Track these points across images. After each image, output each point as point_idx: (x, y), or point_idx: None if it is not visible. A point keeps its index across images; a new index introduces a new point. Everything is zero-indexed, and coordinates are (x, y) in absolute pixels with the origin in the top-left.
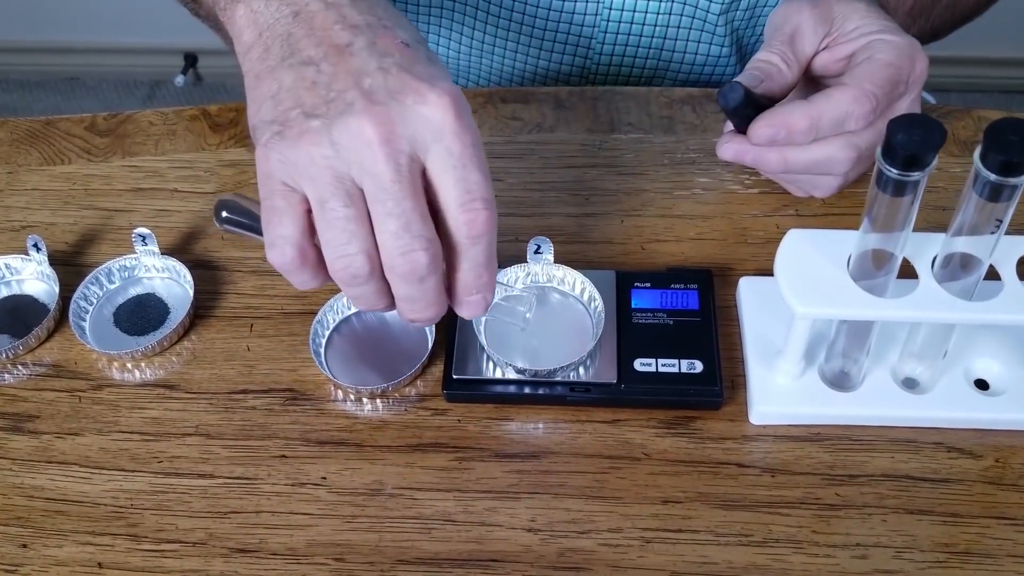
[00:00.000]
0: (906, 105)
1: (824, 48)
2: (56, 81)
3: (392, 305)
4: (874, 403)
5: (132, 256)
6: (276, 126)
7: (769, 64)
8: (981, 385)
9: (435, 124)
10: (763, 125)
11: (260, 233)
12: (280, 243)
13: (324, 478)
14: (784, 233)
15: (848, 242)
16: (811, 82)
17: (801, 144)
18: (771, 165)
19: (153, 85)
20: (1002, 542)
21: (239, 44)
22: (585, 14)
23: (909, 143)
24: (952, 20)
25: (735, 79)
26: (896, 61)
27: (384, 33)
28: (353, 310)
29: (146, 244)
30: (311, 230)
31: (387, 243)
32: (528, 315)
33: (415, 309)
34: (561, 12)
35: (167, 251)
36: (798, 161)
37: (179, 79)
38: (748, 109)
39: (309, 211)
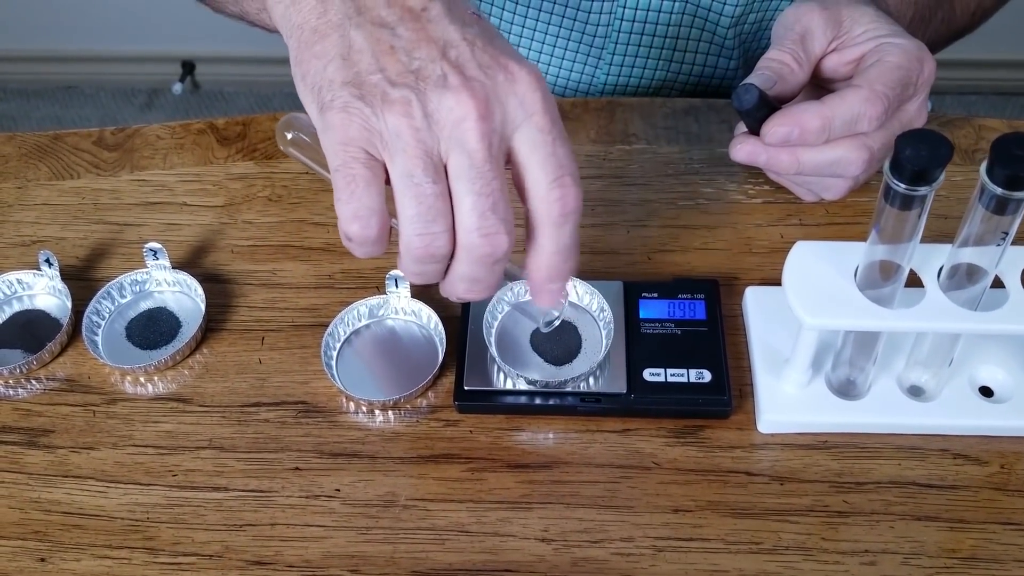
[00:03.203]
0: (915, 107)
1: (833, 50)
2: (54, 90)
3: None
4: (880, 411)
5: (143, 270)
6: (352, 88)
7: (781, 64)
8: (986, 392)
9: (526, 102)
10: (777, 124)
11: (325, 167)
12: (365, 214)
13: (338, 490)
14: (789, 243)
15: (855, 253)
16: (817, 85)
17: (814, 144)
18: (784, 166)
19: (151, 93)
20: (1008, 547)
21: None
22: (598, 25)
23: (917, 159)
24: (947, 35)
25: (747, 80)
26: (906, 63)
27: (456, 0)
28: (364, 322)
29: (157, 258)
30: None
31: (469, 223)
32: (558, 315)
33: (473, 290)
34: (575, 21)
35: (178, 265)
36: (811, 162)
37: (177, 87)
38: (761, 110)
39: (386, 181)
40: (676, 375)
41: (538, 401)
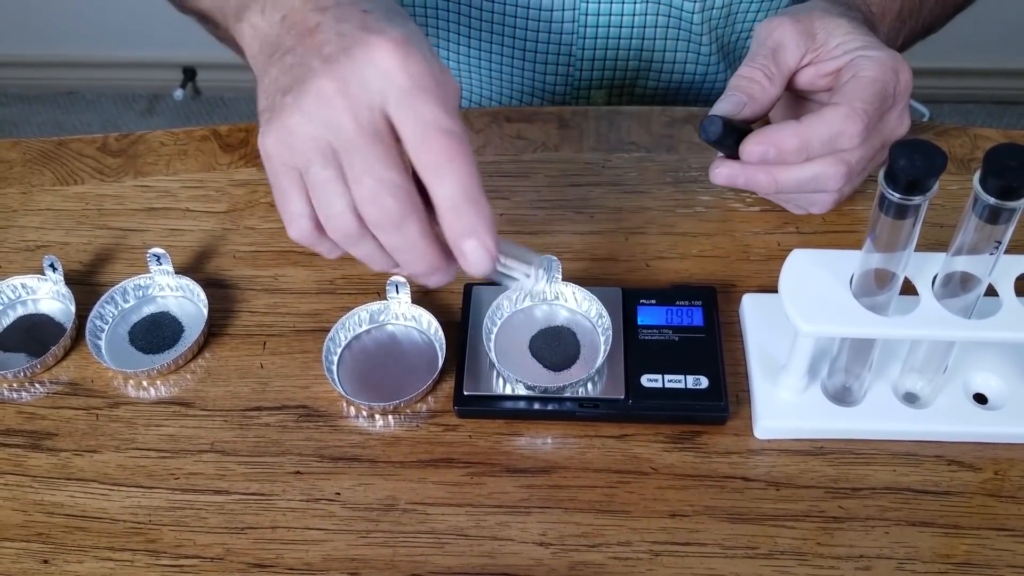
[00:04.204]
0: (895, 116)
1: (808, 64)
2: (55, 95)
3: (395, 263)
4: (876, 417)
5: (147, 275)
6: (266, 114)
7: (751, 81)
8: (980, 399)
9: (382, 68)
10: (754, 143)
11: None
12: (296, 219)
13: (338, 494)
14: (786, 251)
15: (851, 261)
16: (796, 98)
17: (793, 163)
18: (763, 186)
19: (152, 99)
20: (1002, 552)
21: (249, 58)
22: (563, 22)
23: (911, 169)
24: (944, 14)
25: (715, 108)
26: (881, 76)
27: (349, 7)
28: (365, 327)
29: (160, 263)
30: None
31: (358, 195)
32: (529, 276)
33: (410, 262)
34: (539, 21)
35: (181, 270)
36: (788, 180)
37: (178, 93)
38: (730, 137)
39: None
40: (674, 381)
41: (537, 406)
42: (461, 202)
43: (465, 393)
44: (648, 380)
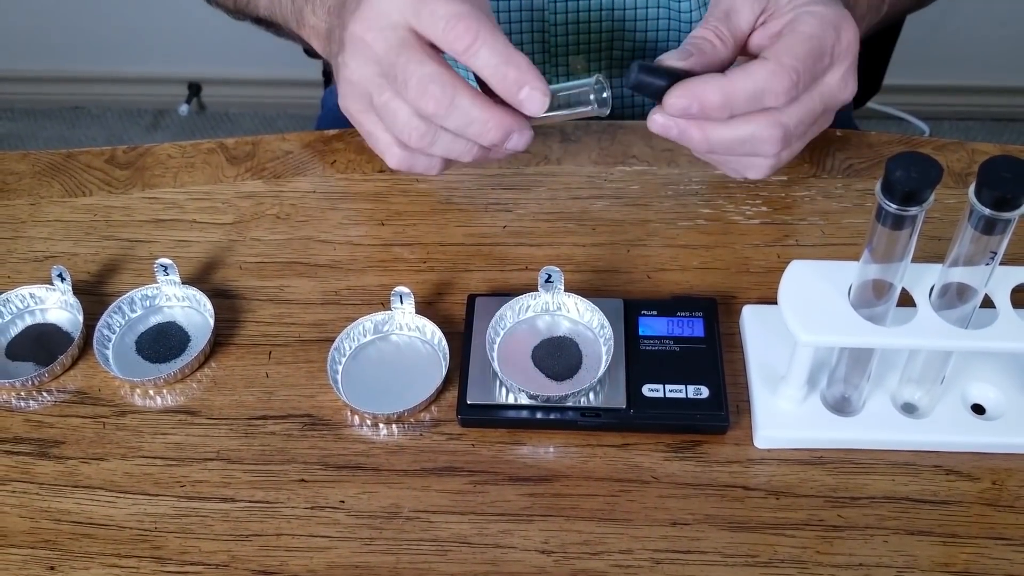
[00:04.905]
0: (836, 79)
1: (761, 24)
2: (61, 110)
3: (478, 146)
4: (874, 427)
5: (154, 286)
6: (337, 84)
7: (703, 39)
8: (978, 410)
9: None
10: (676, 95)
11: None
12: (387, 150)
13: (342, 502)
14: (785, 263)
15: (849, 272)
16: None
17: (718, 119)
18: (694, 142)
19: (157, 114)
20: (999, 561)
21: (320, 53)
22: (533, 9)
23: (907, 180)
24: None
25: (657, 60)
26: (819, 32)
27: None
28: (369, 338)
29: (168, 274)
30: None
31: (411, 99)
32: (591, 99)
33: (483, 134)
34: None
35: (187, 280)
36: (721, 139)
37: (183, 108)
38: (656, 85)
39: None
40: (675, 391)
41: (539, 415)
42: (500, 65)
43: (468, 402)
44: (649, 390)
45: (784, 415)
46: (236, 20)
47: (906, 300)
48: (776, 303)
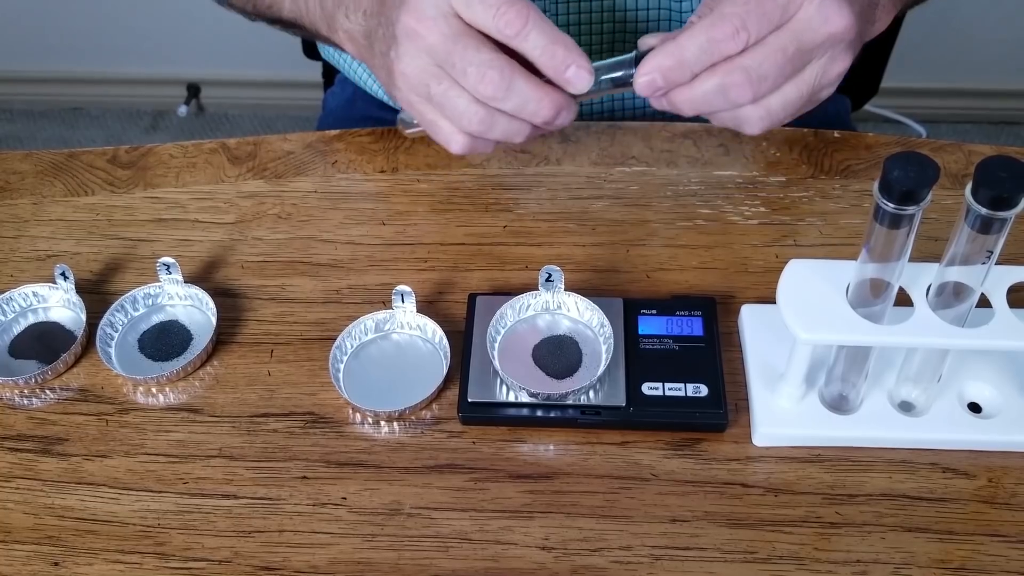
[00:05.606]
0: (812, 11)
1: None
2: (60, 111)
3: (531, 125)
4: (872, 426)
5: (156, 284)
6: (389, 79)
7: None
8: (974, 408)
9: None
10: (640, 75)
11: None
12: (450, 138)
13: (344, 498)
14: (784, 262)
15: (847, 271)
16: None
17: (685, 82)
18: (681, 109)
19: (156, 115)
20: (996, 558)
21: (354, 56)
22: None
23: (905, 179)
24: None
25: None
26: None
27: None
28: (370, 336)
29: (170, 273)
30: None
31: (469, 85)
32: (629, 73)
33: (538, 112)
34: None
35: (190, 279)
36: (695, 99)
37: (182, 109)
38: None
39: None
40: (674, 389)
41: (540, 413)
42: (549, 45)
43: (469, 400)
44: (649, 388)
45: (782, 413)
46: (250, 21)
47: (903, 300)
48: (774, 302)
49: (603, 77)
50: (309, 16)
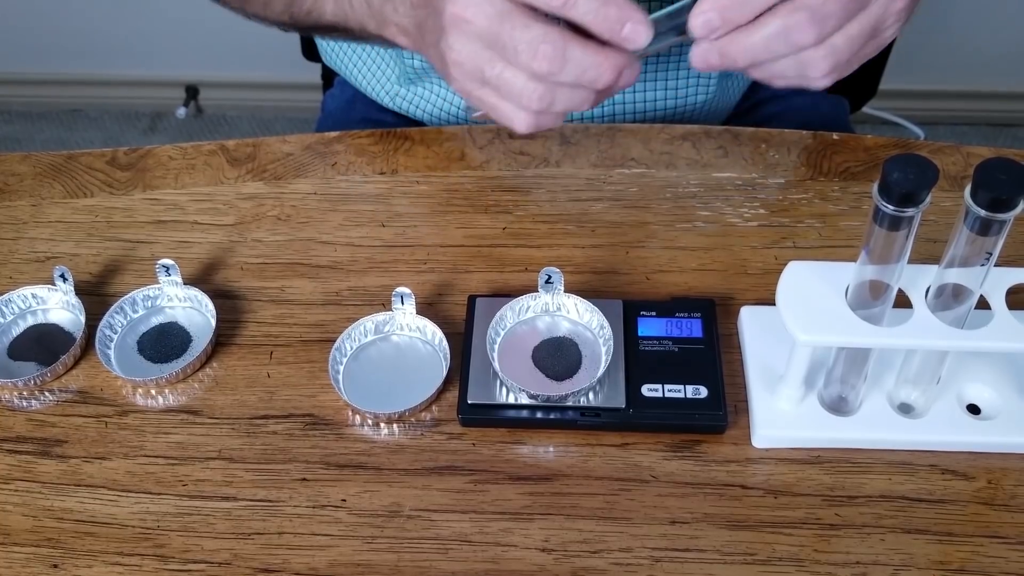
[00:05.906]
0: None
1: None
2: (58, 113)
3: (594, 91)
4: (871, 427)
5: (155, 286)
6: (445, 68)
7: None
8: (973, 410)
9: None
10: (695, 16)
11: None
12: (514, 118)
13: (344, 500)
14: (783, 264)
15: (846, 273)
16: None
17: (745, 22)
18: (737, 57)
19: (154, 117)
20: (995, 559)
21: (408, 48)
22: None
23: (904, 181)
24: None
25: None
26: None
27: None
28: (370, 338)
29: (169, 274)
30: None
31: (524, 63)
32: (685, 24)
33: (598, 77)
34: None
35: (189, 281)
36: (755, 44)
37: (180, 111)
38: (679, 21)
39: None
40: (674, 391)
41: (539, 415)
42: (600, 7)
43: (469, 402)
44: (648, 390)
45: (782, 415)
46: (283, 31)
47: (903, 302)
48: (774, 304)
49: (662, 28)
50: (355, 15)
